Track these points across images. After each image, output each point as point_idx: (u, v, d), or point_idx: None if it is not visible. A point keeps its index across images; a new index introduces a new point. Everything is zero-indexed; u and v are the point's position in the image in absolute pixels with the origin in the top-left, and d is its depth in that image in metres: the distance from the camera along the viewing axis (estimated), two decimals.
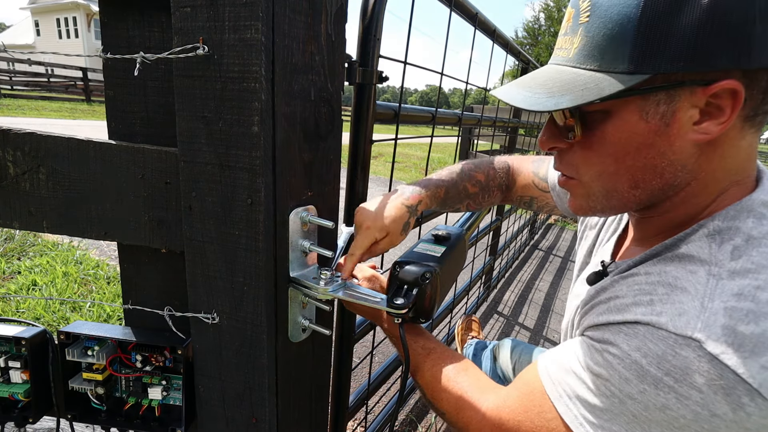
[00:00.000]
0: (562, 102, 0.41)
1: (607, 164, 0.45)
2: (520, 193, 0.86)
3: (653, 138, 0.42)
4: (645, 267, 0.46)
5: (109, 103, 0.51)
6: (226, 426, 0.54)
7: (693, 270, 0.41)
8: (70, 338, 0.54)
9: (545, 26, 19.16)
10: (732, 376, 0.35)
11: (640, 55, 0.38)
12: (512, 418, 0.49)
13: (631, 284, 0.45)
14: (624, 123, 0.42)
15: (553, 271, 3.02)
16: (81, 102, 12.13)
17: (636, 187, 0.45)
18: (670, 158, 0.42)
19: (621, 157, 0.44)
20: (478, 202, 0.84)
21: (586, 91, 0.40)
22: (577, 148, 0.47)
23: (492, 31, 1.32)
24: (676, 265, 0.42)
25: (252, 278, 0.47)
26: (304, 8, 0.43)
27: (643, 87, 0.39)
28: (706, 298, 0.38)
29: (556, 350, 0.51)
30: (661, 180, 0.44)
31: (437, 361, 0.60)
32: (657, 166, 0.43)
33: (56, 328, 1.69)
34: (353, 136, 0.78)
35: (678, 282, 0.41)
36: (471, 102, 23.19)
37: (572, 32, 0.44)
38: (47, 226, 0.52)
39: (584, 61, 0.42)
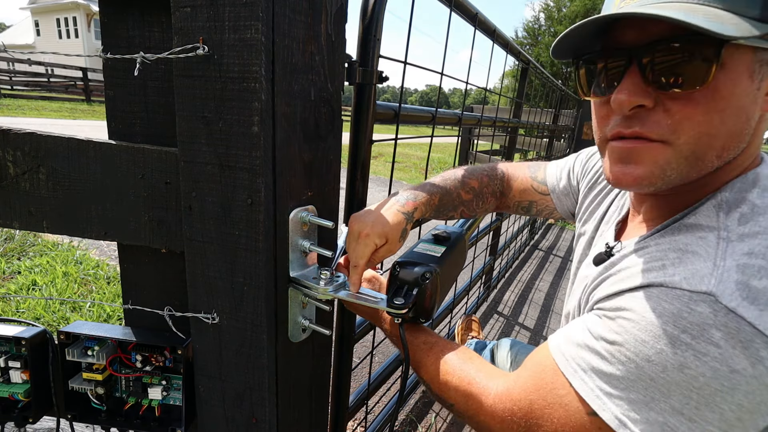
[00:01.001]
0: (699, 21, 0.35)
1: (714, 124, 0.40)
2: (517, 198, 0.86)
3: (749, 101, 0.39)
4: (654, 239, 0.45)
5: (109, 103, 0.51)
6: (226, 426, 0.54)
7: (703, 236, 0.41)
8: (70, 338, 0.54)
9: (545, 26, 19.16)
10: (749, 329, 0.34)
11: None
12: (524, 398, 0.47)
13: (642, 254, 0.44)
14: (738, 77, 0.38)
15: (553, 271, 3.02)
16: (81, 102, 12.13)
17: (720, 156, 0.42)
18: (751, 126, 0.41)
19: (727, 117, 0.39)
20: (472, 209, 0.84)
21: (729, 25, 0.35)
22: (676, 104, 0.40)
23: (492, 31, 1.32)
24: (685, 234, 0.42)
25: (252, 278, 0.47)
26: (304, 8, 0.43)
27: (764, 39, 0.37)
28: (718, 258, 0.38)
29: (565, 328, 0.49)
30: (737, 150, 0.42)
31: (440, 354, 0.60)
32: (742, 134, 0.41)
33: (56, 328, 1.69)
34: (353, 136, 0.78)
35: (689, 247, 0.41)
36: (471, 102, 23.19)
37: None
38: (47, 226, 0.52)
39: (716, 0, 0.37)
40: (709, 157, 0.42)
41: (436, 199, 0.75)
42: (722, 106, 0.39)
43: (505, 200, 0.88)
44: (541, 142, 3.55)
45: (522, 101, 2.08)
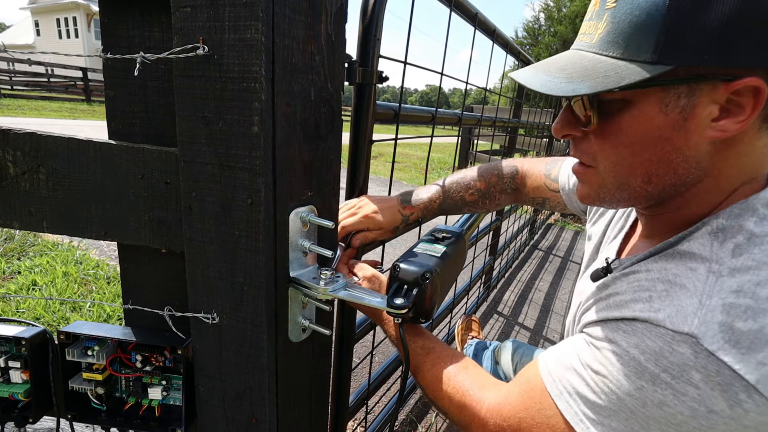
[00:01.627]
0: (580, 88, 0.41)
1: (623, 156, 0.44)
2: (531, 195, 0.88)
3: (671, 132, 0.41)
4: (646, 264, 0.45)
5: (109, 103, 0.51)
6: (226, 426, 0.54)
7: (693, 267, 0.40)
8: (70, 338, 0.54)
9: (545, 26, 19.16)
10: (729, 373, 0.35)
11: (664, 45, 0.37)
12: (513, 415, 0.50)
13: (632, 281, 0.45)
14: (643, 114, 0.41)
15: (552, 271, 3.02)
16: (81, 102, 12.13)
17: (649, 182, 0.44)
18: (686, 154, 0.42)
19: (638, 149, 0.43)
20: (479, 207, 0.88)
21: (606, 79, 0.40)
22: (593, 137, 0.46)
23: (492, 31, 1.32)
24: (677, 263, 0.42)
25: (252, 278, 0.47)
26: (304, 8, 0.43)
27: (666, 78, 0.38)
28: (704, 296, 0.38)
29: (556, 347, 0.51)
30: (674, 176, 0.43)
31: (437, 361, 0.60)
32: (672, 162, 0.42)
33: (56, 328, 1.69)
34: (353, 136, 0.78)
35: (678, 279, 0.41)
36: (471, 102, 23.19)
37: (598, 17, 0.43)
38: (47, 226, 0.52)
39: (607, 47, 0.41)
40: (635, 183, 0.45)
41: (436, 204, 0.85)
42: (629, 140, 0.43)
43: (521, 196, 0.89)
44: (541, 142, 3.55)
45: (522, 101, 2.08)
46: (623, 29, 0.40)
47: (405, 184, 5.79)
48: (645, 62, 0.38)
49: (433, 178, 6.67)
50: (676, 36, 0.37)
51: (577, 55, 0.45)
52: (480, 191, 0.86)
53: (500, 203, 0.89)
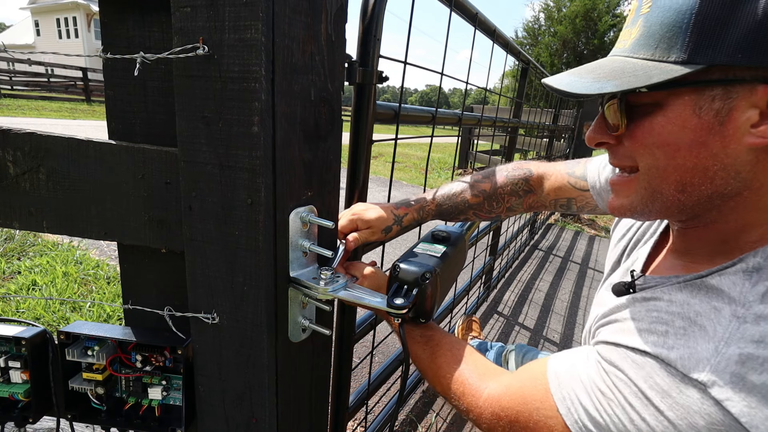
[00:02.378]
0: (606, 86, 0.40)
1: (657, 157, 0.42)
2: (553, 196, 0.83)
3: (706, 136, 0.39)
4: (670, 293, 0.43)
5: (109, 103, 0.51)
6: (226, 426, 0.54)
7: (718, 307, 0.38)
8: (70, 338, 0.54)
9: (545, 26, 19.16)
10: (734, 424, 0.34)
11: (694, 44, 0.36)
12: (511, 408, 0.50)
13: (651, 309, 0.43)
14: (675, 116, 0.39)
15: (553, 271, 3.02)
16: (81, 102, 12.12)
17: (683, 190, 0.42)
18: (723, 162, 0.39)
19: (670, 152, 0.41)
20: (486, 210, 0.84)
21: (633, 78, 0.38)
22: (626, 142, 0.44)
23: (492, 31, 1.32)
24: (701, 298, 0.40)
25: (252, 278, 0.47)
26: (304, 8, 0.43)
27: (697, 79, 0.37)
28: (722, 343, 0.36)
29: (568, 354, 0.51)
30: (710, 185, 0.40)
31: (436, 348, 0.61)
32: (708, 169, 0.40)
33: (56, 328, 1.69)
34: (353, 136, 0.78)
35: (698, 318, 0.39)
36: (471, 102, 23.18)
37: (632, 24, 0.42)
38: (47, 226, 0.52)
39: (638, 50, 0.40)
40: (668, 191, 0.43)
41: (433, 206, 0.82)
42: (661, 142, 0.41)
43: (537, 198, 0.85)
44: (541, 142, 3.55)
45: (522, 101, 2.08)
46: (654, 31, 0.39)
47: (405, 184, 5.78)
48: (675, 62, 0.37)
49: (433, 178, 6.66)
50: (707, 34, 0.35)
51: (610, 59, 0.44)
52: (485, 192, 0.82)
53: (513, 207, 0.85)
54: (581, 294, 2.64)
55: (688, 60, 0.36)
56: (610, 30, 17.43)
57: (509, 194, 0.83)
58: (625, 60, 0.41)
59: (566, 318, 2.29)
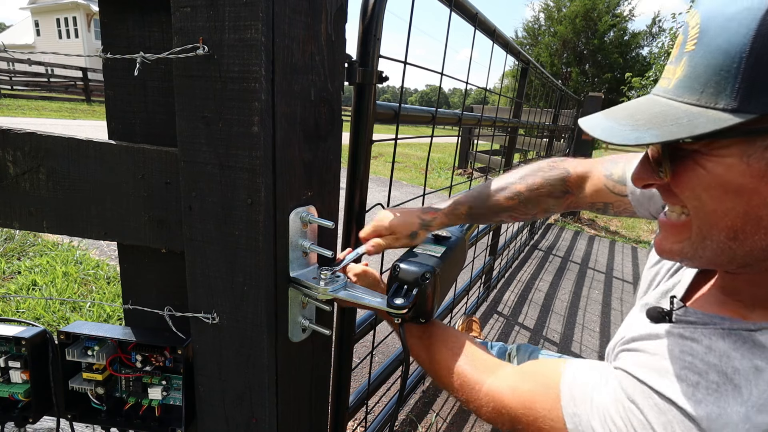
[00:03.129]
0: (645, 137, 0.37)
1: (705, 201, 0.39)
2: (590, 200, 0.79)
3: (757, 183, 0.36)
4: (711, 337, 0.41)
5: (109, 103, 0.51)
6: (226, 426, 0.54)
7: (760, 367, 0.36)
8: (70, 338, 0.54)
9: (545, 26, 19.15)
10: None
11: (745, 91, 0.33)
12: (515, 408, 0.50)
13: (686, 351, 0.41)
14: (720, 163, 0.37)
15: (552, 271, 3.02)
16: (81, 102, 12.12)
17: (735, 238, 0.39)
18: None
19: (717, 196, 0.38)
20: (522, 213, 0.80)
21: (676, 127, 0.36)
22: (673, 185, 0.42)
23: (492, 31, 1.32)
24: (744, 353, 0.38)
25: (252, 278, 0.47)
26: (304, 8, 0.43)
27: (748, 127, 0.34)
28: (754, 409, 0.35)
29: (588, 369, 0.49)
30: (765, 236, 0.38)
31: (434, 342, 0.61)
32: (762, 218, 0.37)
33: (56, 328, 1.69)
34: (353, 136, 0.78)
35: (736, 377, 0.37)
36: (471, 102, 23.17)
37: (677, 61, 0.39)
38: (47, 226, 0.52)
39: (683, 93, 0.37)
40: (719, 237, 0.40)
41: (464, 209, 0.77)
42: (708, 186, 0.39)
43: (576, 200, 0.81)
44: (541, 142, 3.55)
45: (522, 101, 2.08)
46: (700, 73, 0.36)
47: (405, 184, 5.78)
48: (723, 110, 0.34)
49: (433, 178, 6.66)
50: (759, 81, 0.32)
51: (651, 101, 0.41)
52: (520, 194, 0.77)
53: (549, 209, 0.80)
54: (581, 294, 2.64)
55: (738, 108, 0.34)
56: (610, 30, 17.42)
57: (546, 196, 0.78)
58: (668, 104, 0.39)
59: (566, 318, 2.29)
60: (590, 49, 17.54)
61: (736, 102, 0.33)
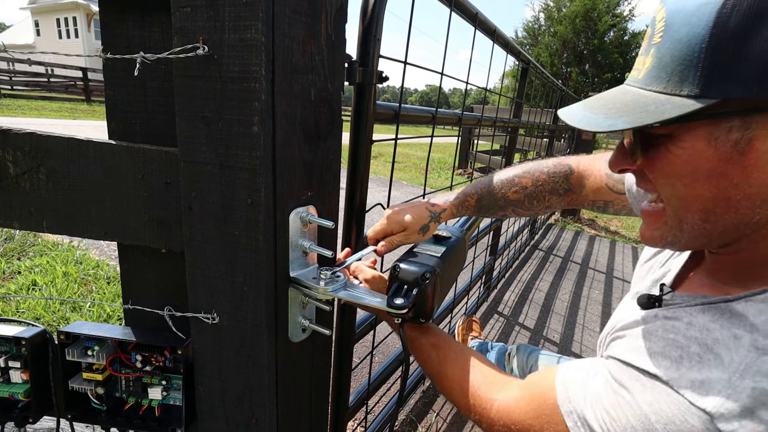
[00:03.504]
0: (617, 123, 0.39)
1: (677, 188, 0.42)
2: (591, 197, 0.81)
3: (724, 166, 0.38)
4: (691, 313, 0.43)
5: (109, 103, 0.51)
6: (226, 426, 0.54)
7: (738, 335, 0.38)
8: (70, 338, 0.54)
9: (545, 26, 19.15)
10: None
11: (707, 78, 0.35)
12: (522, 420, 0.50)
13: (668, 329, 0.43)
14: (689, 147, 0.39)
15: (553, 271, 3.02)
16: (81, 102, 12.12)
17: (707, 220, 0.41)
18: (746, 191, 0.38)
19: (689, 182, 0.40)
20: (526, 208, 0.82)
21: (645, 114, 0.38)
22: (646, 170, 0.44)
23: (492, 31, 1.32)
24: (723, 323, 0.39)
25: (252, 278, 0.47)
26: (304, 8, 0.43)
27: (712, 111, 0.36)
28: (736, 374, 0.35)
29: (578, 366, 0.50)
30: (735, 215, 0.40)
31: (444, 357, 0.61)
32: (731, 199, 0.39)
33: (56, 328, 1.69)
34: (353, 136, 0.78)
35: (716, 346, 0.38)
36: (471, 102, 23.17)
37: (645, 53, 0.42)
38: (47, 226, 0.52)
39: (651, 82, 0.40)
40: (693, 220, 0.42)
41: (473, 201, 0.80)
42: (679, 172, 0.41)
43: (578, 198, 0.83)
44: (541, 142, 3.55)
45: (522, 101, 2.08)
46: (666, 63, 0.38)
47: (405, 184, 5.78)
48: (687, 96, 0.36)
49: (433, 178, 6.66)
50: (719, 68, 0.35)
51: (623, 91, 0.44)
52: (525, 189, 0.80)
53: (551, 205, 0.82)
54: (581, 294, 2.64)
55: (700, 94, 0.36)
56: (610, 30, 17.42)
57: (549, 192, 0.81)
58: (639, 93, 0.41)
59: (566, 318, 2.29)
60: (590, 49, 17.54)
61: (698, 89, 0.36)
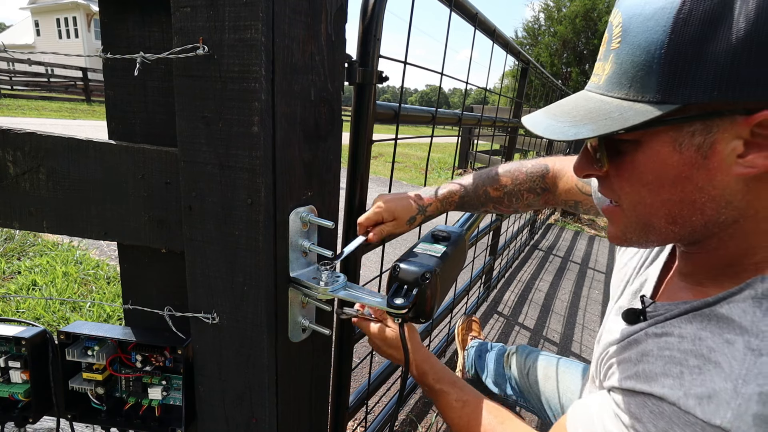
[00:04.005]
0: (583, 131, 0.39)
1: (642, 195, 0.42)
2: (563, 197, 0.83)
3: (689, 170, 0.38)
4: (680, 325, 0.42)
5: (109, 103, 0.51)
6: (226, 426, 0.54)
7: (730, 340, 0.37)
8: (70, 338, 0.54)
9: (545, 26, 19.15)
10: None
11: (667, 84, 0.35)
12: None
13: (663, 347, 0.42)
14: (655, 154, 0.39)
15: (553, 271, 3.02)
16: (81, 102, 12.12)
17: (674, 222, 0.42)
18: (711, 193, 0.38)
19: (655, 189, 0.41)
20: (505, 205, 0.85)
21: (609, 121, 0.38)
22: (612, 176, 0.45)
23: (492, 31, 1.32)
24: (712, 330, 0.39)
25: (252, 278, 0.47)
26: (304, 8, 0.43)
27: (674, 117, 0.36)
28: (740, 380, 0.35)
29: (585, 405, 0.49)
30: (702, 216, 0.40)
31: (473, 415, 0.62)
32: (696, 201, 0.39)
33: (56, 328, 1.69)
34: (353, 136, 0.78)
35: (712, 355, 0.38)
36: (471, 102, 23.17)
37: (605, 58, 0.41)
38: (47, 226, 0.52)
39: (612, 88, 0.40)
40: (659, 224, 0.43)
41: (456, 197, 0.84)
42: (645, 179, 0.41)
43: (552, 197, 0.85)
44: (541, 142, 3.55)
45: (522, 101, 2.08)
46: (626, 70, 0.38)
47: (405, 184, 5.78)
48: (649, 102, 0.37)
49: (433, 178, 6.66)
50: (679, 74, 0.35)
51: (584, 96, 0.44)
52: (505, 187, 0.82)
53: (530, 204, 0.85)
54: (581, 294, 2.64)
55: (662, 100, 0.36)
56: None
57: (527, 191, 0.83)
58: (601, 99, 0.41)
59: (566, 318, 2.29)
60: (590, 49, 17.54)
61: (660, 95, 0.36)
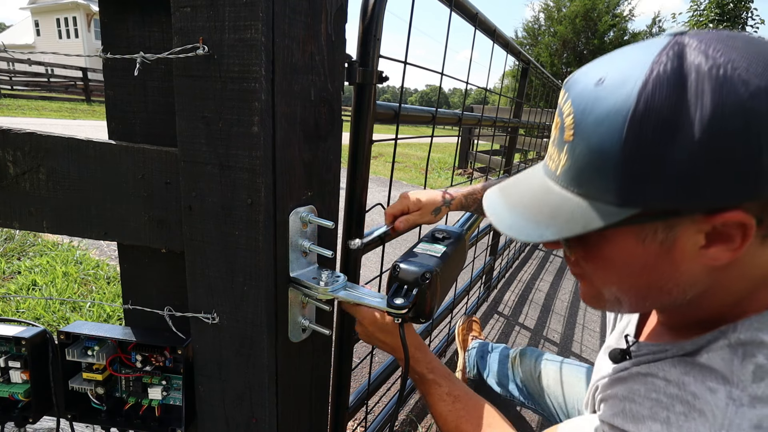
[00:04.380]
0: (546, 234, 0.40)
1: (611, 280, 0.43)
2: None
3: (654, 261, 0.39)
4: (665, 369, 0.43)
5: (109, 103, 0.51)
6: (226, 426, 0.54)
7: (713, 388, 0.38)
8: (70, 338, 0.54)
9: (545, 26, 19.15)
10: None
11: (627, 189, 0.35)
12: None
13: (650, 388, 0.43)
14: (620, 245, 0.40)
15: (553, 271, 3.02)
16: (81, 102, 12.12)
17: (645, 298, 0.43)
18: (677, 280, 0.40)
19: (623, 276, 0.42)
20: None
21: (572, 224, 0.38)
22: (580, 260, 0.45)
23: (492, 31, 1.32)
24: (695, 377, 0.40)
25: (252, 278, 0.47)
26: (304, 8, 0.43)
27: (635, 219, 0.36)
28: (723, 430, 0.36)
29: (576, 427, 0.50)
30: (669, 297, 0.42)
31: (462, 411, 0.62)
32: (663, 287, 0.41)
33: (56, 328, 1.69)
34: (353, 136, 0.77)
35: (697, 402, 0.39)
36: (471, 102, 23.17)
37: (559, 147, 0.41)
38: (47, 226, 0.52)
39: (570, 183, 0.39)
40: (629, 300, 0.44)
41: (479, 195, 0.88)
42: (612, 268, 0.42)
43: None
44: (541, 142, 3.55)
45: (522, 101, 2.08)
46: (583, 168, 0.38)
47: (405, 184, 5.78)
48: (611, 203, 0.36)
49: (433, 178, 6.66)
50: (637, 180, 0.34)
51: (544, 188, 0.43)
52: None
53: None
54: None
55: (622, 203, 0.36)
56: (610, 30, 17.41)
57: None
58: (561, 194, 0.40)
59: (566, 318, 2.29)
60: (590, 49, 17.53)
61: (620, 200, 0.36)
